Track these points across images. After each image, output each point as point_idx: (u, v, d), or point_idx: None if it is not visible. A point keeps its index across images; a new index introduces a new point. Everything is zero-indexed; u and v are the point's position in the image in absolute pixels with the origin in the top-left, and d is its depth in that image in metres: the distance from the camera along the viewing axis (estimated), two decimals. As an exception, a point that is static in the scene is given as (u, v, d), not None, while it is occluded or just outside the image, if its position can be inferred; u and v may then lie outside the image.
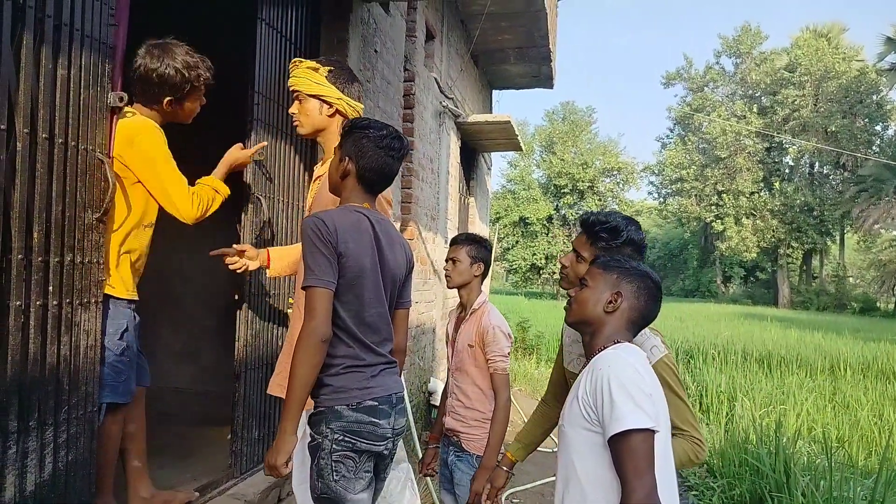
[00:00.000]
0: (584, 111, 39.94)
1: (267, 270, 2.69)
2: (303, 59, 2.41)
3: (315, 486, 1.84)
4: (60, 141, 1.86)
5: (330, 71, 2.36)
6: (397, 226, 4.67)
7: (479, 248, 2.76)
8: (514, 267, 38.51)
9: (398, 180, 4.82)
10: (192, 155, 4.21)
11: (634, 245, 1.92)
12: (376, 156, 1.91)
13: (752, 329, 15.93)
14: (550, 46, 7.91)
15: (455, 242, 2.82)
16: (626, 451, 1.44)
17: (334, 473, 1.81)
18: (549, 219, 37.62)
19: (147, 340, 4.58)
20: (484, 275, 2.81)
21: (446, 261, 2.80)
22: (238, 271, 2.64)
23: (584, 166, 36.80)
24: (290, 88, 2.39)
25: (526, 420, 6.83)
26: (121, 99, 2.06)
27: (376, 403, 1.87)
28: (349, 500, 1.83)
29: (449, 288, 2.82)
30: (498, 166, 74.67)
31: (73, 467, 1.93)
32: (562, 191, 37.31)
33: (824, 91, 33.42)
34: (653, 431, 1.44)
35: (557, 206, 37.88)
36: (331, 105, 2.34)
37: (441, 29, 6.12)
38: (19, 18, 1.72)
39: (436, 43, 5.91)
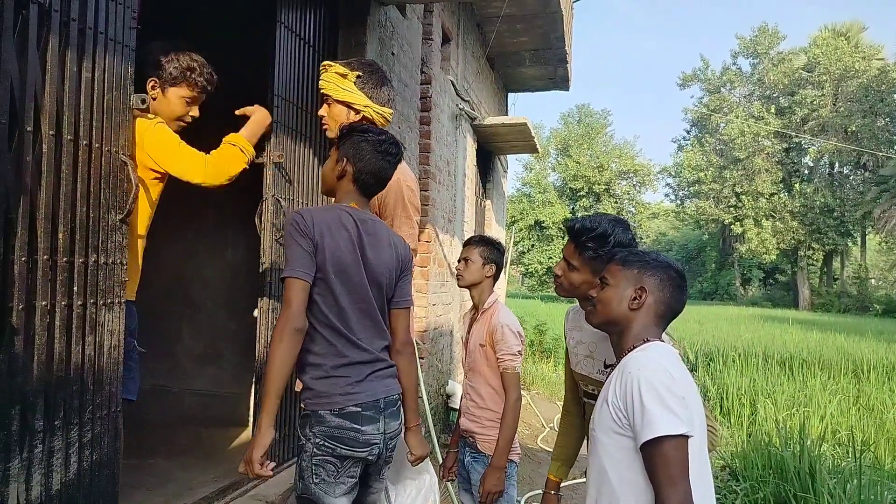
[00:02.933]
0: (600, 113, 39.90)
1: None
2: (332, 63, 2.41)
3: (297, 485, 1.89)
4: (85, 143, 1.88)
5: (358, 76, 2.36)
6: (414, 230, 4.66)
7: (491, 249, 2.79)
8: (531, 270, 38.42)
9: (415, 182, 4.82)
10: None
11: (625, 246, 1.87)
12: (374, 159, 1.98)
13: (773, 331, 15.72)
14: (566, 48, 7.89)
15: (469, 243, 2.85)
16: (659, 458, 1.39)
17: (314, 476, 1.85)
18: (565, 222, 37.50)
19: (168, 343, 4.65)
20: (496, 276, 2.83)
21: (459, 260, 2.82)
22: None
23: (600, 169, 36.71)
24: (321, 91, 2.40)
25: (545, 423, 6.80)
26: (143, 101, 2.08)
27: (359, 409, 1.88)
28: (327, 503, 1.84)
29: (460, 287, 2.85)
30: (513, 169, 74.55)
31: (98, 467, 1.95)
32: (578, 194, 37.23)
33: (844, 90, 33.00)
34: (686, 437, 1.39)
35: (573, 208, 37.78)
36: (358, 112, 2.34)
37: (457, 32, 6.12)
38: (45, 22, 1.74)
39: (452, 46, 5.91)
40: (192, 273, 4.52)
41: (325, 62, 2.40)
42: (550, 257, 36.92)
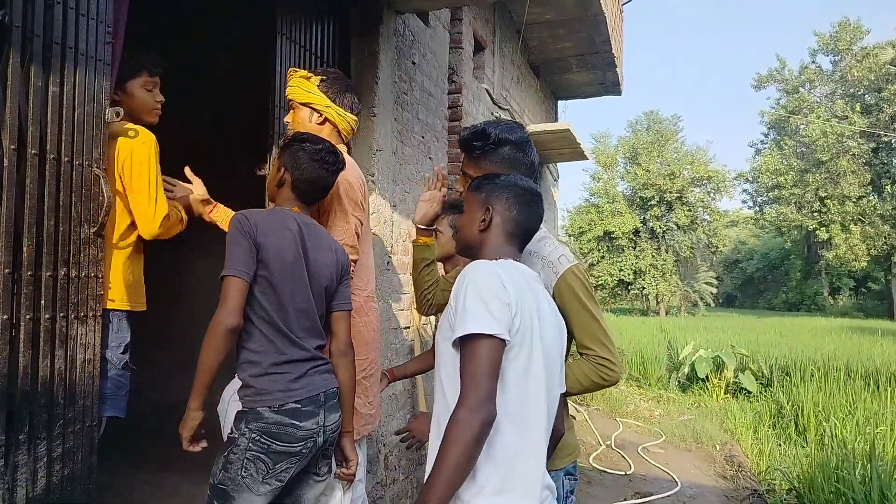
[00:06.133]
0: (670, 120, 38.58)
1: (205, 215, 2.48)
2: (298, 69, 2.45)
3: (215, 473, 1.88)
4: (52, 157, 1.89)
5: (322, 80, 2.40)
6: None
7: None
8: (601, 283, 37.49)
9: (444, 193, 4.73)
10: (219, 167, 4.31)
11: (512, 143, 1.87)
12: (311, 168, 2.03)
13: (860, 343, 14.65)
14: (614, 51, 7.64)
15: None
16: (467, 355, 1.38)
17: (243, 470, 1.84)
18: (636, 232, 36.43)
19: (194, 359, 4.67)
20: None
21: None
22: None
23: (672, 176, 35.46)
24: (287, 98, 2.43)
25: (601, 440, 6.56)
26: (117, 114, 2.09)
27: (299, 406, 1.89)
28: (242, 498, 1.84)
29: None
30: (580, 179, 73.51)
31: (70, 482, 1.93)
32: (648, 203, 36.09)
33: (938, 84, 30.77)
34: (500, 339, 1.38)
35: (644, 218, 36.62)
36: (320, 113, 2.37)
37: (492, 39, 6.02)
38: (6, 38, 1.76)
39: (486, 53, 5.82)
40: (216, 287, 4.55)
41: (291, 68, 2.42)
42: (621, 269, 35.91)
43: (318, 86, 2.36)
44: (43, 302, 1.85)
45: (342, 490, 2.19)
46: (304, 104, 2.37)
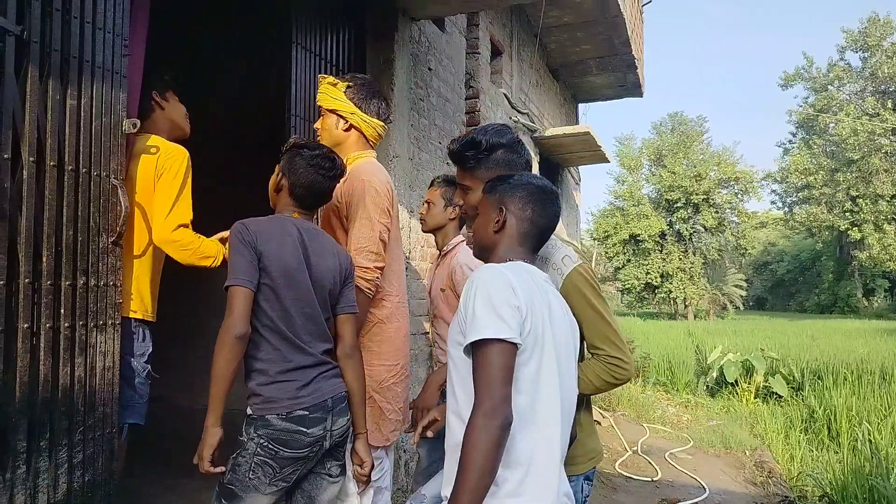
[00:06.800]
0: (695, 121, 38.12)
1: None
2: (326, 76, 2.47)
3: (226, 475, 1.91)
4: (70, 168, 1.93)
5: (348, 86, 2.41)
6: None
7: (454, 190, 2.63)
8: (627, 286, 37.11)
9: (463, 198, 4.73)
10: (238, 176, 4.35)
11: (504, 146, 1.85)
12: (307, 173, 2.05)
13: (894, 346, 14.26)
14: (634, 53, 7.59)
15: (431, 185, 2.76)
16: (480, 360, 1.39)
17: (251, 472, 1.87)
18: (662, 235, 36.00)
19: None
20: (461, 219, 2.73)
21: (422, 204, 2.74)
22: None
23: (698, 178, 34.99)
24: (317, 104, 2.47)
25: (627, 446, 6.47)
26: (134, 125, 2.12)
27: (306, 413, 1.90)
28: (249, 497, 1.88)
29: (424, 231, 2.76)
30: (604, 183, 73.15)
31: (91, 487, 1.96)
32: (674, 205, 35.64)
33: (973, 78, 29.95)
34: (511, 343, 1.38)
35: (671, 221, 36.18)
36: (346, 120, 2.38)
37: (510, 44, 6.01)
38: (24, 53, 1.80)
39: (504, 58, 5.81)
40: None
41: (321, 75, 2.44)
42: (648, 272, 35.50)
43: (344, 92, 2.37)
44: (63, 311, 1.89)
45: (357, 493, 2.19)
46: (330, 111, 2.39)
